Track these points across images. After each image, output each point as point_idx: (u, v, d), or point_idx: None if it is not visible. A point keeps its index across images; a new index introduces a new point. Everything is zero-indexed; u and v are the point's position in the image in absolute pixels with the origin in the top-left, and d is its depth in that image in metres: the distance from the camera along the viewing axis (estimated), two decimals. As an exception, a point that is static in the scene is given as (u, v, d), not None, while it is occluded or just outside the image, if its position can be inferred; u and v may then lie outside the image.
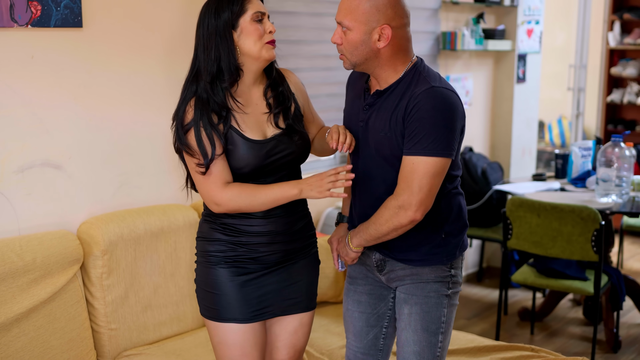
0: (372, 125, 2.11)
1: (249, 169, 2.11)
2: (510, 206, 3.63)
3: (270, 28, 2.13)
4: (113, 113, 2.90)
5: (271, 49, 2.13)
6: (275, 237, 2.17)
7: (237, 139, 2.10)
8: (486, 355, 2.82)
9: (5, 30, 2.55)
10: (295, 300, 2.25)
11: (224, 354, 2.20)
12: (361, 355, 2.31)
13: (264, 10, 2.13)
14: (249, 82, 2.16)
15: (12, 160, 2.62)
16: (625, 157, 3.81)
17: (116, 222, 2.78)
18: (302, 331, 2.30)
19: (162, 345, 2.86)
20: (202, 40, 2.11)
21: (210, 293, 2.18)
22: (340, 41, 2.08)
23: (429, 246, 2.14)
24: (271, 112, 2.17)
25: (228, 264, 2.16)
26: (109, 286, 2.75)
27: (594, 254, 3.46)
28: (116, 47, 2.87)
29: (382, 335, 2.30)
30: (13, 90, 2.60)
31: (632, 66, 6.34)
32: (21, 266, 2.52)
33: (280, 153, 2.15)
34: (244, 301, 2.16)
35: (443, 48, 4.53)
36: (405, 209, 2.02)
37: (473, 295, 4.71)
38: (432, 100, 1.99)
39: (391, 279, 2.21)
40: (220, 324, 2.17)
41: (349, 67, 2.12)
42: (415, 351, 2.16)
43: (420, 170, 2.00)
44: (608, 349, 3.90)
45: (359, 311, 2.29)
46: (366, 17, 2.01)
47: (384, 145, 2.08)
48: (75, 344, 2.65)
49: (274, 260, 2.19)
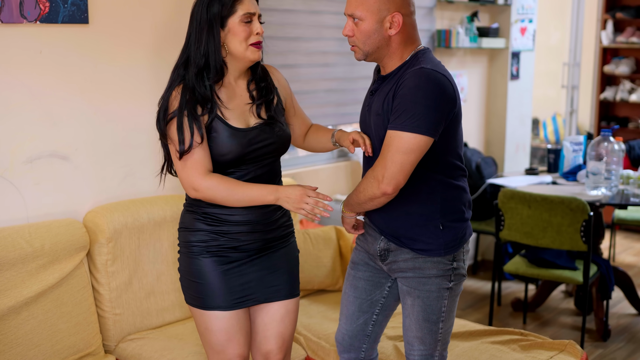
0: (372, 108, 2.21)
1: (231, 156, 2.19)
2: (502, 198, 3.74)
3: (258, 29, 2.19)
4: (118, 107, 3.00)
5: (256, 51, 2.20)
6: (255, 226, 2.26)
7: (221, 126, 2.19)
8: (477, 339, 2.92)
9: (15, 26, 2.65)
10: (278, 288, 2.33)
11: (210, 339, 2.28)
12: (348, 339, 2.40)
13: (253, 10, 2.19)
14: (233, 77, 2.26)
15: (21, 151, 2.73)
16: (615, 151, 3.92)
17: (121, 211, 2.89)
18: (288, 319, 2.37)
19: (165, 330, 2.96)
20: (194, 32, 2.19)
21: (194, 282, 2.27)
22: (352, 33, 2.15)
23: (427, 235, 2.19)
24: (254, 103, 2.26)
25: (210, 254, 2.24)
26: (114, 273, 2.86)
27: (583, 244, 3.57)
28: (121, 43, 2.97)
29: (371, 322, 2.38)
30: (22, 84, 2.70)
31: (624, 64, 6.45)
32: (30, 252, 2.62)
33: (262, 142, 2.23)
34: (227, 289, 2.25)
35: (438, 45, 4.64)
36: (378, 180, 2.08)
37: (468, 288, 4.81)
38: (416, 79, 2.04)
39: (393, 270, 2.28)
40: (206, 312, 2.26)
41: (361, 58, 2.19)
42: (417, 336, 2.27)
43: (394, 145, 2.04)
44: (598, 338, 4.01)
45: (354, 295, 2.38)
46: (377, 6, 2.10)
47: (379, 126, 2.17)
48: (81, 328, 2.75)
49: (255, 248, 2.27)
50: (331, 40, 3.96)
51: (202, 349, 2.77)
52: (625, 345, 3.94)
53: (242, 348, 2.29)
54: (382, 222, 2.26)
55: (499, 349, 2.82)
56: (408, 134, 2.03)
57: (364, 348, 2.41)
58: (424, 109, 2.02)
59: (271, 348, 2.37)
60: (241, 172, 2.23)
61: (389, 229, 2.25)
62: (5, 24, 2.61)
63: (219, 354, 2.28)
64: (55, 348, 2.66)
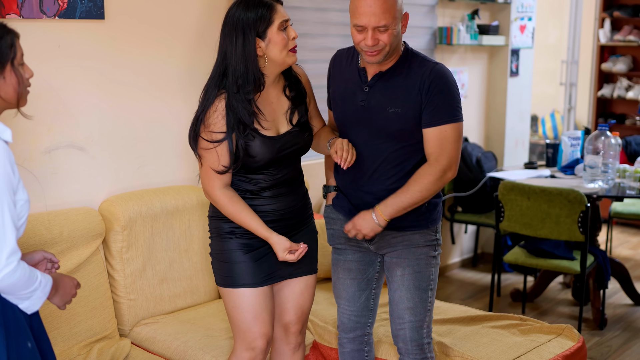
0: (376, 104, 2.32)
1: (262, 163, 2.32)
2: (502, 190, 3.85)
3: (293, 34, 2.29)
4: (132, 100, 3.11)
5: (294, 55, 2.31)
6: (282, 214, 2.40)
7: (254, 135, 2.30)
8: (478, 324, 3.03)
9: (35, 21, 2.76)
10: (299, 265, 2.47)
11: (237, 318, 2.41)
12: (355, 318, 2.54)
13: (287, 17, 2.28)
14: (268, 83, 2.34)
15: (40, 142, 2.84)
16: (611, 145, 4.02)
17: (135, 201, 3.00)
18: (307, 292, 2.53)
19: (177, 315, 3.07)
20: (232, 45, 2.24)
21: (225, 263, 2.40)
22: (378, 42, 2.21)
23: (415, 214, 2.38)
24: (287, 110, 2.37)
25: (239, 237, 2.38)
26: (128, 259, 2.96)
27: (580, 234, 3.68)
28: (135, 38, 3.08)
29: (372, 297, 2.55)
30: (41, 77, 2.80)
31: (621, 62, 6.57)
32: (49, 239, 2.73)
33: (291, 148, 2.37)
34: (254, 268, 2.38)
35: (440, 42, 4.75)
36: (445, 170, 2.29)
37: (468, 279, 4.93)
38: (443, 76, 2.27)
39: (381, 247, 2.45)
40: (234, 290, 2.39)
41: (381, 60, 2.26)
42: (409, 307, 2.41)
43: (452, 136, 2.28)
44: (595, 326, 4.12)
45: (350, 278, 2.52)
46: (398, 11, 2.24)
47: (392, 121, 2.30)
48: (97, 312, 2.86)
49: (280, 233, 2.39)
50: (336, 36, 4.07)
51: (213, 332, 2.89)
52: (621, 334, 4.05)
53: (267, 327, 2.41)
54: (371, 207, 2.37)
55: (499, 333, 2.93)
56: (457, 123, 2.29)
57: (369, 323, 2.56)
58: (459, 99, 2.31)
59: (290, 319, 2.52)
60: (269, 173, 2.36)
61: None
62: (25, 19, 2.72)
63: (245, 333, 2.40)
64: (73, 331, 2.77)
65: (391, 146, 2.33)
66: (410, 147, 2.34)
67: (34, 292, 1.84)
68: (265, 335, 2.41)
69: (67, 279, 1.99)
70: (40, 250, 2.05)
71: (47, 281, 1.88)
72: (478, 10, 4.94)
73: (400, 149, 2.33)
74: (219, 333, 2.88)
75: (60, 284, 1.95)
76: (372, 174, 2.37)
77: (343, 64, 2.44)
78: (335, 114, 2.48)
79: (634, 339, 3.99)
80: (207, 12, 3.30)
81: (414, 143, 2.33)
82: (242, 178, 2.36)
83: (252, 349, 2.40)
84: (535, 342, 2.86)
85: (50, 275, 1.92)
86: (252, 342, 2.40)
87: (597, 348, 3.86)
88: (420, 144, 2.33)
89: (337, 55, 2.50)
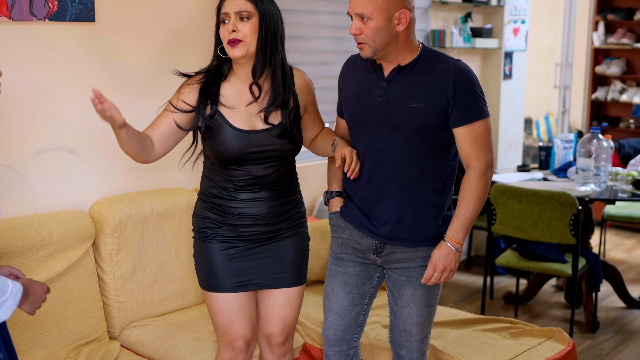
0: (395, 98, 2.26)
1: (229, 155, 2.29)
2: (494, 193, 3.85)
3: (229, 28, 2.25)
4: (123, 102, 3.07)
5: (231, 48, 2.27)
6: (257, 219, 2.36)
7: (222, 124, 2.30)
8: (469, 327, 3.03)
9: (25, 23, 2.76)
10: (281, 275, 2.42)
11: (215, 320, 2.43)
12: (341, 333, 2.47)
13: (227, 10, 2.26)
14: (240, 77, 2.35)
15: (30, 144, 2.83)
16: (603, 148, 4.03)
17: (125, 203, 2.99)
18: (290, 305, 2.45)
19: (167, 317, 3.06)
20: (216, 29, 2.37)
21: (204, 266, 2.41)
22: (360, 32, 2.21)
23: (435, 224, 2.31)
24: (258, 106, 2.32)
25: (217, 240, 2.37)
26: (118, 262, 2.96)
27: (572, 237, 3.68)
28: (126, 41, 3.07)
29: (362, 312, 2.48)
30: (31, 80, 2.80)
31: (615, 65, 6.58)
32: (39, 241, 2.72)
33: (265, 146, 2.31)
34: (230, 273, 2.37)
35: (433, 45, 4.75)
36: (486, 166, 2.27)
37: (461, 282, 4.93)
38: (466, 73, 2.25)
39: (389, 261, 2.36)
40: (211, 293, 2.40)
41: (369, 54, 2.24)
42: (417, 323, 2.38)
43: (485, 132, 2.27)
44: (587, 329, 4.13)
45: (345, 292, 2.44)
46: (386, 4, 2.18)
47: (414, 115, 2.23)
48: (87, 315, 2.85)
49: (260, 238, 2.38)
50: (328, 39, 4.08)
51: (202, 335, 2.88)
52: (613, 337, 4.06)
53: (245, 330, 2.40)
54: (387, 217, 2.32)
55: (489, 336, 2.93)
56: (487, 118, 2.28)
57: (355, 338, 2.50)
58: (482, 95, 2.30)
59: (272, 331, 2.47)
60: (242, 171, 2.32)
61: (397, 237, 2.33)
62: (15, 22, 2.72)
63: (224, 334, 2.41)
64: (62, 333, 2.76)
65: (410, 144, 2.25)
66: (429, 147, 2.26)
67: (5, 302, 1.82)
68: (243, 337, 2.40)
69: (37, 284, 1.97)
70: (6, 266, 2.04)
71: (17, 290, 1.86)
72: (471, 13, 4.95)
73: (419, 148, 2.25)
74: (208, 336, 2.88)
75: (30, 290, 1.93)
76: (382, 171, 2.29)
77: (357, 65, 2.39)
78: (347, 114, 2.39)
79: (626, 342, 3.99)
80: (198, 13, 3.30)
81: (433, 142, 2.26)
82: (219, 173, 2.35)
83: (232, 349, 2.41)
84: (526, 345, 2.86)
85: (20, 282, 1.90)
86: (231, 343, 2.41)
87: (589, 351, 3.86)
88: (440, 142, 2.27)
89: (350, 58, 2.45)
